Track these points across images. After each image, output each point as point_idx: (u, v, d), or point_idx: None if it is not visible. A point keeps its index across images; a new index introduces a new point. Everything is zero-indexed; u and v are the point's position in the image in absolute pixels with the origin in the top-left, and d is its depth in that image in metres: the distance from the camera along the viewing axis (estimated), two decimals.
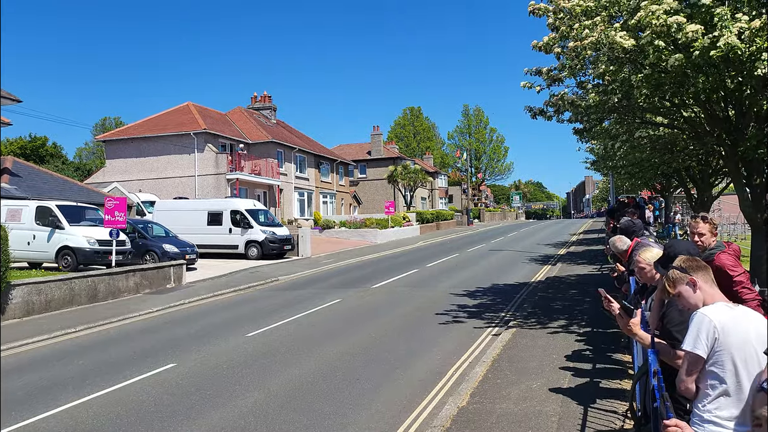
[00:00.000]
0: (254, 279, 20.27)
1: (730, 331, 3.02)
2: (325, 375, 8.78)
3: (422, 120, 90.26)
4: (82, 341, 11.92)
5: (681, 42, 7.88)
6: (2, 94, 21.64)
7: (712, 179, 21.02)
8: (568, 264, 22.36)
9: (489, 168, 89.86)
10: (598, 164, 29.28)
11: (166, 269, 18.96)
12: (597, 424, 6.07)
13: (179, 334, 12.16)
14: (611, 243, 7.74)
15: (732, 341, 3.00)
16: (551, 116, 11.56)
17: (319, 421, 6.85)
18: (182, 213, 27.53)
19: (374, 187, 61.62)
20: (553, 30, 10.00)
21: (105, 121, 78.70)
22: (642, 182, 30.54)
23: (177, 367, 9.43)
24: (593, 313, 12.28)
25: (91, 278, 16.12)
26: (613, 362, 8.43)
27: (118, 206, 18.40)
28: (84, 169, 66.39)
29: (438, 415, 6.76)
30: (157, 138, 37.64)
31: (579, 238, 38.11)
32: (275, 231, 27.49)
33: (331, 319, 13.33)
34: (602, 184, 78.26)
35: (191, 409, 7.45)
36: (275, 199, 41.20)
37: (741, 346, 2.99)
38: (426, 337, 11.04)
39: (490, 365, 8.63)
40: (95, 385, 8.56)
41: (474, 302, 14.60)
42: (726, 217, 35.30)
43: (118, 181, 35.56)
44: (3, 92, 21.75)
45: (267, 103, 49.69)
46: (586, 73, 10.66)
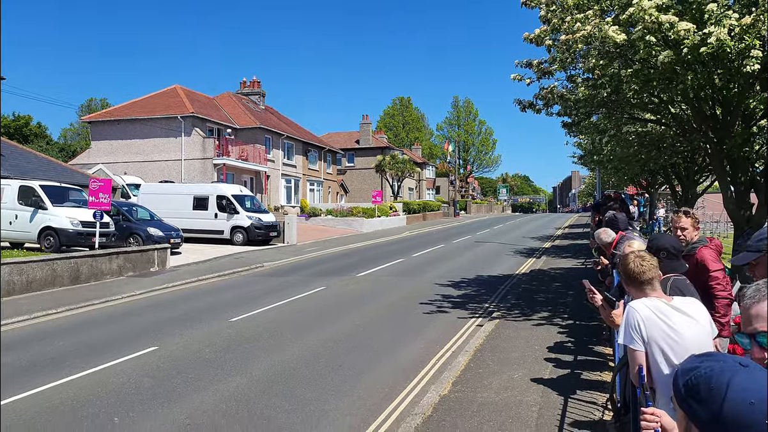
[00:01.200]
0: (239, 265, 20.19)
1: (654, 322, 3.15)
2: (308, 361, 8.77)
3: (411, 110, 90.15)
4: (63, 323, 11.82)
5: (672, 39, 7.91)
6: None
7: (697, 177, 21.23)
8: (552, 257, 22.51)
9: (477, 160, 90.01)
10: (585, 159, 29.41)
11: (150, 253, 18.82)
12: (577, 414, 6.13)
13: (162, 318, 12.10)
14: (596, 236, 7.79)
15: (655, 333, 3.12)
16: (540, 109, 11.57)
17: (300, 407, 6.86)
18: (168, 197, 27.32)
19: (362, 176, 61.54)
20: (545, 22, 9.99)
21: (91, 102, 77.82)
22: (628, 178, 30.76)
23: (159, 351, 9.38)
24: (576, 305, 12.38)
25: (74, 260, 15.96)
26: (594, 354, 8.50)
27: (102, 188, 18.21)
28: (69, 150, 65.66)
29: (419, 403, 6.79)
30: (144, 120, 37.27)
31: (564, 232, 38.36)
32: (261, 217, 27.38)
33: (315, 306, 13.32)
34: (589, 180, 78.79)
35: (172, 392, 7.42)
36: (262, 186, 41.02)
37: (664, 338, 3.11)
38: (410, 326, 11.07)
39: (472, 355, 8.68)
40: (75, 366, 8.49)
41: (458, 293, 14.65)
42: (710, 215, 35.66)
43: (104, 163, 35.18)
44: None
45: (256, 88, 49.36)
46: (576, 67, 10.69)
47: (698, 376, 1.42)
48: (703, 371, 1.43)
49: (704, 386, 1.40)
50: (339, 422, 6.45)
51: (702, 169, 20.15)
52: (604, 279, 8.05)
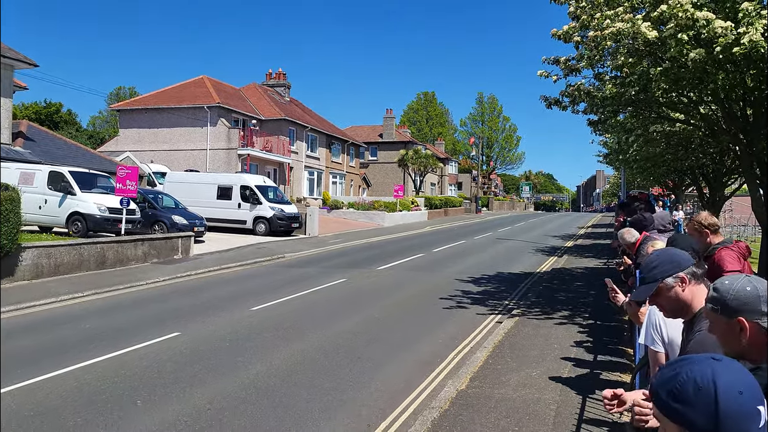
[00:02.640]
0: (261, 255, 20.38)
1: (675, 324, 3.07)
2: (327, 352, 8.85)
3: (435, 105, 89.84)
4: (89, 306, 12.07)
5: (704, 37, 7.78)
6: (19, 58, 21.71)
7: (725, 179, 20.86)
8: (574, 256, 22.34)
9: (500, 157, 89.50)
10: (611, 158, 29.08)
11: (174, 240, 19.09)
12: (595, 414, 6.11)
13: (185, 304, 12.28)
14: (619, 235, 7.73)
15: (676, 334, 3.07)
16: (566, 106, 11.47)
17: (319, 396, 6.93)
18: (192, 186, 27.64)
19: (384, 170, 61.53)
20: (574, 19, 9.89)
21: (120, 91, 78.87)
22: (654, 178, 30.34)
23: (181, 336, 9.54)
24: (597, 305, 12.29)
25: (101, 245, 16.26)
26: (614, 355, 8.45)
27: (129, 175, 18.50)
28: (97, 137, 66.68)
29: (437, 397, 6.82)
30: (171, 110, 37.68)
31: (587, 231, 38.01)
32: (284, 208, 27.57)
33: (335, 297, 13.41)
34: (613, 179, 77.79)
35: (194, 377, 7.56)
36: (285, 177, 41.26)
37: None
38: (429, 321, 11.10)
39: (491, 351, 8.68)
40: (100, 348, 8.68)
41: (478, 289, 14.63)
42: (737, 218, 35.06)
43: (131, 151, 35.69)
44: (20, 56, 21.82)
45: (281, 80, 49.57)
46: (605, 65, 10.57)
47: (682, 382, 1.42)
48: (684, 375, 1.43)
49: (691, 389, 1.40)
50: (357, 413, 6.51)
51: (730, 171, 19.79)
52: (626, 279, 7.98)
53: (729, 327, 2.12)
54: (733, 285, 2.12)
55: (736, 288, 2.10)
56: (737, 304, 2.10)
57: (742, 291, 2.09)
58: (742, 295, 2.09)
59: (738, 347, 2.13)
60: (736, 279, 2.15)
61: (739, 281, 2.13)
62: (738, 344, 2.12)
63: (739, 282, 2.12)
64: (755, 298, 2.08)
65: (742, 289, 2.09)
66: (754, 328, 2.07)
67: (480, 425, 5.97)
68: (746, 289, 2.09)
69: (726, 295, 2.12)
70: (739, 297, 2.10)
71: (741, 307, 2.09)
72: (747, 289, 2.09)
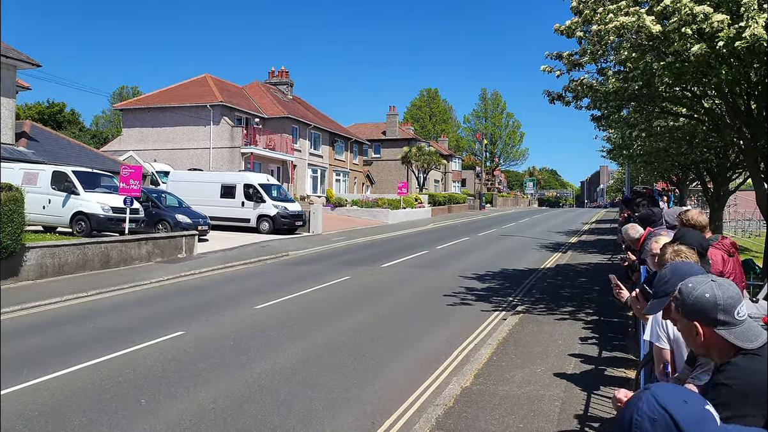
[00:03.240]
0: (265, 253, 20.40)
1: None
2: (331, 350, 8.85)
3: (438, 102, 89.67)
4: (94, 305, 12.09)
5: (706, 32, 7.74)
6: (22, 58, 21.74)
7: (729, 173, 20.77)
8: (578, 252, 22.29)
9: (504, 153, 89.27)
10: (615, 153, 28.97)
11: (178, 239, 19.11)
12: (600, 410, 6.09)
13: (189, 303, 12.30)
14: (624, 231, 7.70)
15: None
16: (569, 102, 11.43)
17: (323, 395, 6.93)
18: (196, 184, 27.66)
19: (388, 167, 61.50)
20: (577, 14, 9.85)
21: (122, 90, 79.04)
22: (658, 173, 30.25)
23: (185, 335, 9.55)
24: (601, 301, 12.26)
25: (104, 244, 16.29)
26: (619, 351, 8.42)
27: (133, 174, 18.52)
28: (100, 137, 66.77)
29: (441, 394, 6.81)
30: (174, 109, 37.72)
31: (591, 227, 37.93)
32: (287, 206, 27.58)
33: (339, 295, 13.41)
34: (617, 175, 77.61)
35: (198, 376, 7.56)
36: (288, 175, 41.28)
37: None
38: (433, 318, 11.09)
39: (495, 348, 8.66)
40: (105, 348, 8.69)
41: (482, 286, 14.61)
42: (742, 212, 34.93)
43: (134, 150, 35.75)
44: (22, 56, 21.85)
45: (284, 78, 49.56)
46: (608, 59, 10.52)
47: (638, 423, 1.50)
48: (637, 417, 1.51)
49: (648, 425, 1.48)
50: (361, 411, 6.50)
51: (735, 166, 19.71)
52: (631, 275, 7.95)
53: (688, 327, 2.22)
54: (695, 290, 2.19)
55: (696, 294, 2.18)
56: (694, 309, 2.18)
57: (701, 297, 2.17)
58: (700, 301, 2.17)
59: (696, 347, 2.26)
60: (701, 283, 2.21)
61: (702, 286, 2.19)
62: (695, 344, 2.24)
63: (702, 287, 2.19)
64: (711, 306, 2.15)
65: (701, 295, 2.17)
66: (708, 332, 2.15)
67: (485, 422, 5.96)
68: (705, 296, 2.16)
69: (686, 298, 2.21)
70: (696, 303, 2.17)
71: (697, 312, 2.18)
72: (706, 295, 2.16)
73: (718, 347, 2.18)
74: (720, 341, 2.16)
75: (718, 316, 2.14)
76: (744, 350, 2.12)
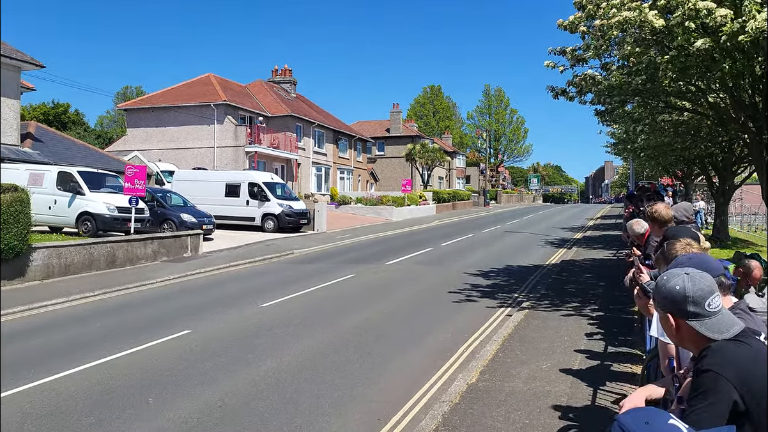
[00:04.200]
0: (270, 251, 20.44)
1: None
2: (337, 348, 8.87)
3: (442, 99, 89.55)
4: (100, 305, 12.15)
5: (709, 26, 7.71)
6: (26, 59, 21.82)
7: (734, 167, 20.70)
8: (583, 248, 22.25)
9: (508, 150, 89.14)
10: (619, 148, 28.92)
11: (183, 238, 19.17)
12: (606, 406, 6.09)
13: (195, 302, 12.34)
14: (628, 226, 7.69)
15: None
16: (573, 97, 11.42)
17: (329, 392, 6.95)
18: (200, 183, 27.71)
19: (392, 164, 61.47)
20: (580, 9, 9.84)
21: (126, 90, 79.25)
22: (663, 168, 30.16)
23: (192, 334, 9.59)
24: (607, 296, 12.25)
25: (110, 244, 16.36)
26: (625, 346, 8.41)
27: (138, 174, 18.57)
28: (105, 137, 67.03)
29: (447, 391, 6.82)
30: (178, 108, 37.79)
31: (596, 223, 37.84)
32: (292, 205, 27.61)
33: (344, 293, 13.43)
34: (622, 170, 77.37)
35: (205, 374, 7.59)
36: (293, 174, 41.32)
37: None
38: (438, 315, 11.09)
39: (500, 344, 8.66)
40: (111, 347, 8.73)
41: (487, 282, 14.61)
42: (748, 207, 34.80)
43: (138, 150, 35.83)
44: (26, 57, 21.92)
45: (287, 76, 49.51)
46: (611, 54, 10.50)
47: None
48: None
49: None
50: (367, 408, 6.52)
51: (740, 160, 19.63)
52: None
53: (664, 320, 2.28)
54: (668, 282, 2.24)
55: (669, 286, 2.22)
56: (666, 301, 2.24)
57: (673, 290, 2.21)
58: (671, 293, 2.21)
59: (673, 339, 2.35)
60: (674, 276, 2.25)
61: (674, 279, 2.23)
62: (671, 336, 2.31)
63: (675, 280, 2.22)
64: (681, 298, 2.19)
65: (673, 287, 2.21)
66: (682, 324, 2.18)
67: (491, 418, 5.96)
68: (676, 289, 2.20)
69: (659, 291, 2.26)
70: (668, 295, 2.22)
71: (669, 304, 2.23)
72: (677, 288, 2.20)
73: (691, 339, 2.23)
74: (693, 332, 2.20)
75: (688, 307, 2.18)
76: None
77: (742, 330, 2.17)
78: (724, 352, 2.10)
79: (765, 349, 2.15)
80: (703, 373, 2.10)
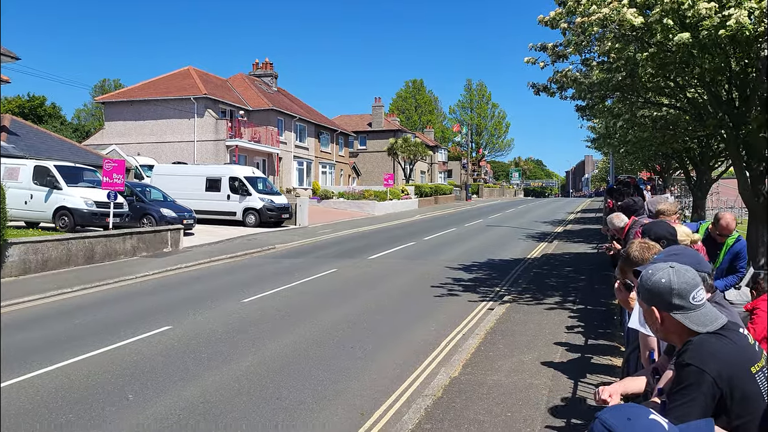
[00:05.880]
0: (251, 246, 20.32)
1: None
2: (320, 342, 8.86)
3: (424, 93, 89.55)
4: (78, 301, 11.99)
5: (689, 21, 7.79)
6: (1, 51, 21.38)
7: (712, 162, 20.96)
8: (564, 242, 22.45)
9: (489, 144, 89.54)
10: (599, 142, 29.16)
11: (163, 233, 18.98)
12: (587, 397, 6.15)
13: (175, 298, 12.24)
14: (609, 220, 7.76)
15: None
16: (554, 93, 11.47)
17: (312, 387, 6.94)
18: (180, 178, 27.44)
19: (374, 158, 61.40)
20: (560, 5, 9.87)
21: (104, 83, 77.92)
22: (642, 162, 30.47)
23: (172, 330, 9.51)
24: (587, 290, 12.38)
25: (88, 239, 16.14)
26: (604, 338, 8.51)
27: (116, 168, 18.34)
28: (82, 131, 66.02)
29: (430, 385, 6.85)
30: (157, 101, 37.34)
31: (576, 216, 38.19)
32: (273, 199, 27.47)
33: (326, 288, 13.41)
34: (602, 164, 78.14)
35: (186, 371, 7.54)
36: (274, 168, 41.09)
37: None
38: (420, 309, 11.12)
39: (483, 338, 8.72)
40: (90, 344, 8.62)
41: (470, 276, 14.68)
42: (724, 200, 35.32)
43: (117, 144, 35.35)
44: (2, 49, 21.49)
45: (268, 70, 49.14)
46: (592, 50, 10.56)
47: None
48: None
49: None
50: (350, 402, 6.53)
51: (717, 155, 19.88)
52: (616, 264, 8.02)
53: (648, 313, 2.31)
54: (653, 275, 2.27)
55: (654, 279, 2.25)
56: (651, 294, 2.27)
57: (658, 283, 2.24)
58: (656, 286, 2.24)
59: (657, 332, 2.37)
60: (659, 269, 2.29)
61: (659, 272, 2.27)
62: (656, 329, 2.35)
63: (659, 273, 2.26)
64: (666, 291, 2.22)
65: (658, 281, 2.24)
66: (666, 317, 2.21)
67: (473, 412, 6.00)
68: (661, 281, 2.23)
69: (644, 283, 2.29)
70: (653, 288, 2.25)
71: (653, 297, 2.26)
72: (662, 281, 2.23)
73: (675, 331, 2.26)
74: (677, 325, 2.24)
75: (673, 300, 2.21)
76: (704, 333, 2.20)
77: (725, 323, 2.21)
78: (706, 346, 2.12)
79: (746, 343, 2.18)
80: (685, 367, 2.13)
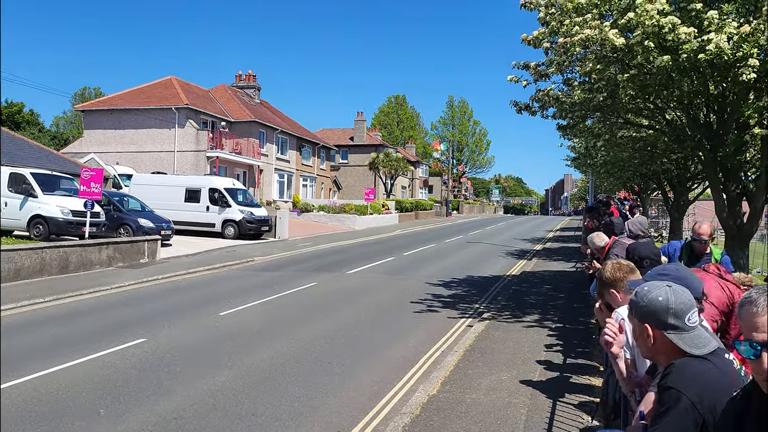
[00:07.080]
0: (230, 258, 20.11)
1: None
2: (297, 358, 8.74)
3: (406, 108, 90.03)
4: (51, 312, 11.72)
5: (669, 44, 7.92)
6: None
7: (689, 183, 21.31)
8: (543, 260, 22.56)
9: (470, 161, 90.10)
10: (579, 162, 29.50)
11: (140, 244, 18.71)
12: (565, 417, 6.13)
13: (150, 310, 12.02)
14: (589, 240, 7.79)
15: None
16: (536, 111, 11.59)
17: (288, 403, 6.83)
18: (159, 188, 27.12)
19: (355, 173, 61.44)
20: (544, 24, 10.00)
21: (85, 91, 77.20)
22: (620, 182, 30.86)
23: (147, 343, 9.32)
24: (566, 309, 12.41)
25: (63, 249, 15.84)
26: (583, 358, 8.52)
27: (94, 177, 18.05)
28: (61, 139, 65.11)
29: (408, 402, 6.78)
30: (138, 111, 37.02)
31: (555, 234, 38.46)
32: (253, 211, 27.28)
33: (305, 302, 13.28)
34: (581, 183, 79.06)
35: (160, 385, 7.37)
36: (255, 180, 40.87)
37: None
38: (400, 325, 11.06)
39: (462, 355, 8.67)
40: (61, 356, 8.41)
41: (449, 293, 14.65)
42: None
43: (96, 152, 34.91)
44: None
45: (251, 82, 49.08)
46: (573, 70, 10.70)
47: None
48: None
49: None
50: (327, 420, 6.42)
51: (694, 176, 20.23)
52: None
53: (639, 331, 2.30)
54: (649, 293, 2.26)
55: (650, 296, 2.25)
56: (646, 311, 2.25)
57: (654, 300, 2.23)
58: (653, 304, 2.23)
59: (646, 350, 2.31)
60: (656, 287, 2.29)
61: (657, 290, 2.26)
62: (646, 347, 2.32)
63: (656, 291, 2.25)
64: (663, 310, 2.21)
65: (655, 298, 2.23)
66: (659, 336, 2.20)
67: (451, 430, 5.94)
68: (658, 299, 2.23)
69: (640, 300, 2.28)
70: (649, 306, 2.24)
71: (648, 315, 2.25)
72: (659, 299, 2.23)
73: (665, 351, 2.24)
74: (668, 345, 2.22)
75: (669, 320, 2.20)
76: (690, 356, 2.18)
77: (715, 349, 2.19)
78: (689, 369, 2.11)
79: (730, 368, 2.17)
80: (666, 390, 2.11)
